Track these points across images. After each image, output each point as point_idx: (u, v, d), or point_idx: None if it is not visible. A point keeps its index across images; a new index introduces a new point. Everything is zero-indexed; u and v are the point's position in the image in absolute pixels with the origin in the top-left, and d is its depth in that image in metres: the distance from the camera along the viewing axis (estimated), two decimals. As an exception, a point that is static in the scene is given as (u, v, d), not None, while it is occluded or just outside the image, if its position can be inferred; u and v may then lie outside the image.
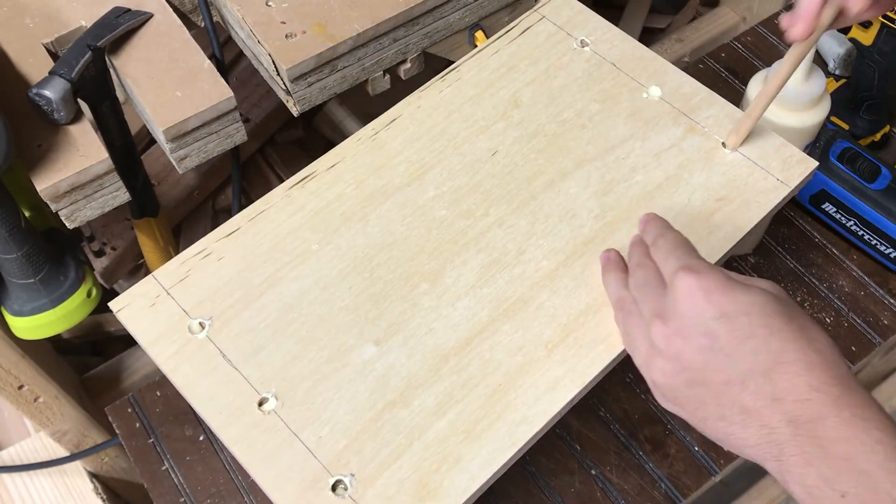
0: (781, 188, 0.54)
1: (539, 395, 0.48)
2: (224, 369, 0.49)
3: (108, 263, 0.86)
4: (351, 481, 0.45)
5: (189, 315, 0.51)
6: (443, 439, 0.47)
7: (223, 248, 0.54)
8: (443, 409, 0.48)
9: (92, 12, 0.62)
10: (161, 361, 0.50)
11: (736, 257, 0.74)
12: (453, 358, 0.49)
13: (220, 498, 0.64)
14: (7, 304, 0.63)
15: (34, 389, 0.72)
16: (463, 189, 0.55)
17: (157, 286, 0.52)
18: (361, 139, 0.58)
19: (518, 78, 0.60)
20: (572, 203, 0.54)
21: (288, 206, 0.55)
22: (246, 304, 0.51)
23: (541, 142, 0.57)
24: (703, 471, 0.64)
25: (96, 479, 0.85)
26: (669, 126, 0.57)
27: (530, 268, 0.52)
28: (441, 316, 0.50)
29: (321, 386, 0.48)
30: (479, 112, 0.59)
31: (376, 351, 0.49)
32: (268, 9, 0.62)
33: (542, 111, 0.59)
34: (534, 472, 0.64)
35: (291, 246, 0.54)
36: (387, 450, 0.46)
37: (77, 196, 0.56)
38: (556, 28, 0.63)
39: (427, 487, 0.45)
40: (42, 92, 0.55)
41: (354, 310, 0.51)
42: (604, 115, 0.58)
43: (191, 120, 0.57)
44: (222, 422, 0.48)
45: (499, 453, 0.46)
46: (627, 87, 0.59)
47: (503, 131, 0.58)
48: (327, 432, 0.47)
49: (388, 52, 0.64)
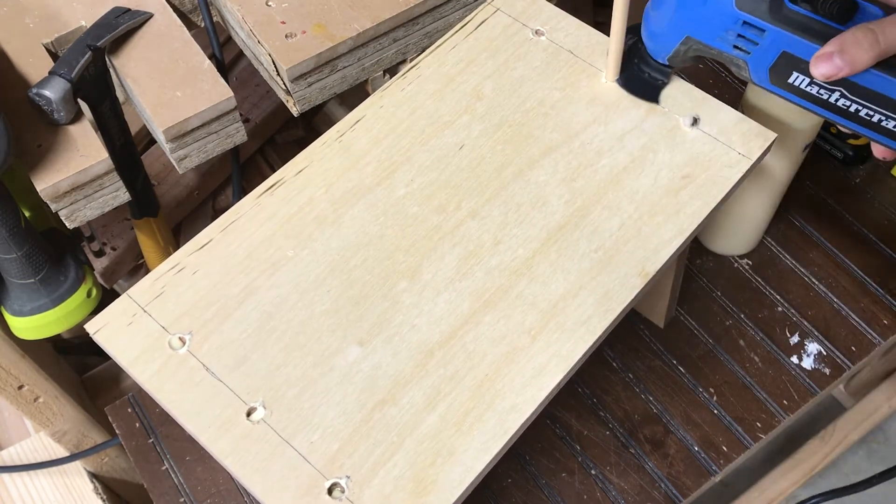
0: (744, 161, 0.55)
1: (526, 381, 0.48)
2: (209, 383, 0.49)
3: (108, 263, 0.86)
4: (347, 483, 0.45)
5: (168, 331, 0.50)
6: (435, 434, 0.47)
7: (197, 261, 0.53)
8: (432, 404, 0.48)
9: (92, 12, 0.62)
10: (143, 380, 0.49)
11: (735, 257, 0.76)
12: (438, 352, 0.49)
13: (220, 498, 0.64)
14: (7, 304, 0.62)
15: (34, 389, 0.72)
16: (433, 185, 0.56)
17: (132, 304, 0.51)
18: (327, 142, 0.58)
19: (478, 71, 0.61)
20: (542, 190, 0.55)
21: (259, 214, 0.55)
22: (225, 316, 0.51)
23: (506, 132, 0.58)
24: (703, 471, 0.65)
25: (96, 479, 0.84)
26: (630, 109, 0.58)
27: (507, 257, 0.52)
28: (422, 312, 0.51)
29: (309, 391, 0.48)
30: (442, 107, 0.59)
31: (361, 352, 0.49)
32: (268, 9, 0.62)
33: (504, 102, 0.59)
34: (534, 472, 0.65)
35: (266, 254, 0.53)
36: (380, 449, 0.47)
37: (77, 196, 0.56)
38: (510, 19, 0.63)
39: (423, 483, 0.45)
40: (42, 92, 0.55)
41: (335, 313, 0.51)
42: (565, 102, 0.59)
43: (191, 120, 0.57)
44: (212, 436, 0.47)
45: (491, 442, 0.47)
46: (586, 73, 0.60)
47: (468, 125, 0.58)
48: (319, 437, 0.47)
49: (388, 52, 0.64)
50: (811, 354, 0.72)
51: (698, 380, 0.70)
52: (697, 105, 0.58)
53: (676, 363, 0.71)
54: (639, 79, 0.59)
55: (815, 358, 0.72)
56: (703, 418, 0.68)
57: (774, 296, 0.74)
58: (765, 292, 0.74)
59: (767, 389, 0.69)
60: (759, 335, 0.72)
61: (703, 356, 0.71)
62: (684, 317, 0.74)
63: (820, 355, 0.72)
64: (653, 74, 0.58)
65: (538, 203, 0.54)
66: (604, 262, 0.52)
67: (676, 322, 0.73)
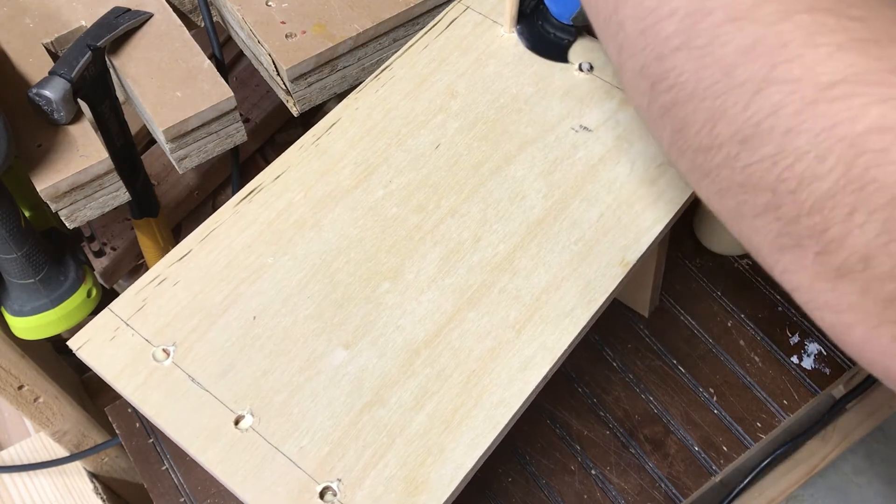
0: (718, 147, 0.56)
1: (513, 375, 0.48)
2: (195, 393, 0.48)
3: (108, 263, 0.85)
4: (338, 486, 0.45)
5: (151, 343, 0.50)
6: (424, 432, 0.47)
7: (177, 272, 0.53)
8: (420, 403, 0.48)
9: (92, 12, 0.62)
10: (128, 393, 0.49)
11: (735, 257, 0.76)
12: (424, 351, 0.49)
13: (220, 498, 0.64)
14: (7, 304, 0.62)
15: (34, 389, 0.72)
16: (411, 185, 0.56)
17: (114, 318, 0.51)
18: (304, 146, 0.58)
19: (451, 70, 0.61)
20: (520, 185, 0.55)
21: (238, 221, 0.55)
22: (209, 326, 0.51)
23: (481, 129, 0.58)
24: (703, 471, 0.65)
25: (96, 479, 0.84)
26: (604, 100, 0.59)
27: (488, 253, 0.53)
28: (406, 312, 0.51)
29: (296, 396, 0.48)
30: (417, 107, 0.59)
31: (347, 355, 0.49)
32: (268, 9, 0.62)
33: (478, 99, 0.59)
34: (534, 472, 0.65)
35: (247, 261, 0.53)
36: (370, 450, 0.46)
37: (77, 196, 0.55)
38: (481, 17, 0.63)
39: (415, 482, 0.45)
40: (42, 92, 0.54)
41: (319, 317, 0.51)
42: (539, 97, 0.59)
43: (191, 120, 0.57)
44: (200, 446, 0.47)
45: (481, 438, 0.47)
46: (558, 67, 0.60)
47: (443, 123, 0.58)
48: (308, 441, 0.47)
49: (388, 52, 0.65)
50: (811, 354, 0.72)
51: (698, 380, 0.70)
52: (670, 94, 0.58)
53: (676, 363, 0.71)
54: (545, 40, 0.61)
55: (815, 358, 0.72)
56: (704, 418, 0.68)
57: (774, 296, 0.75)
58: (765, 292, 0.75)
59: (767, 389, 0.70)
60: (759, 335, 0.73)
61: (703, 356, 0.72)
62: (684, 317, 0.74)
63: (820, 355, 0.72)
64: (558, 34, 0.61)
65: (517, 198, 0.55)
66: (584, 253, 0.52)
67: (677, 322, 0.74)
